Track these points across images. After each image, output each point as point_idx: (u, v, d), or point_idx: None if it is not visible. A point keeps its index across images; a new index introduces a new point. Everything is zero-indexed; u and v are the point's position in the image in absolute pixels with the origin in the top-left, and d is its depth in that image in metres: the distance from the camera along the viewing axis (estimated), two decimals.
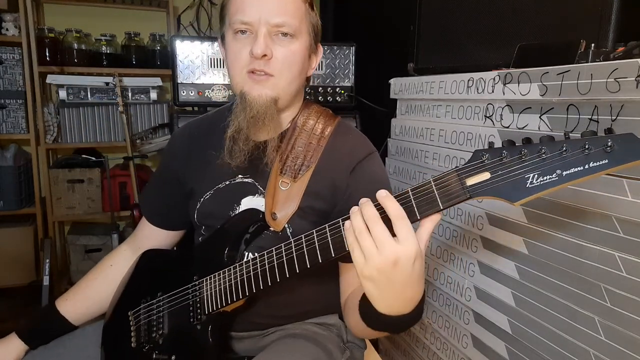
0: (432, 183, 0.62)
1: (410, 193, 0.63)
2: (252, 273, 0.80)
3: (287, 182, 0.88)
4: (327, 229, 0.69)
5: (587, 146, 0.54)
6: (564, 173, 0.55)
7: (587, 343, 0.85)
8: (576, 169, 0.55)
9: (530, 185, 0.57)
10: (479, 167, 0.60)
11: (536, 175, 0.56)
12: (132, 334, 0.94)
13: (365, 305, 0.70)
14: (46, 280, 2.28)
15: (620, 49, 0.88)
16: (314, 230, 0.72)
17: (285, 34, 0.84)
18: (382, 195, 0.62)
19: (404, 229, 0.60)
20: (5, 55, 2.39)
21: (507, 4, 1.17)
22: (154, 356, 0.90)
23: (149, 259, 1.03)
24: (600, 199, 0.81)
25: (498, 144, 0.60)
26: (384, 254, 0.60)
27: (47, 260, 2.31)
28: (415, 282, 0.64)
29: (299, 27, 0.85)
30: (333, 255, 0.69)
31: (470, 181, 0.60)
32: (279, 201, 0.88)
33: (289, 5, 0.84)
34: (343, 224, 0.66)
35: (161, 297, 0.93)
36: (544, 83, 0.93)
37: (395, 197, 0.63)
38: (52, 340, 1.00)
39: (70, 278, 2.59)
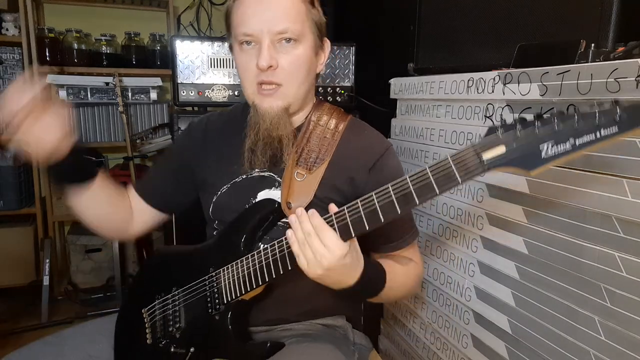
0: (450, 159, 0.65)
1: (428, 170, 0.66)
2: (271, 259, 0.81)
3: (302, 173, 0.91)
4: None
5: (597, 116, 0.57)
6: (577, 142, 0.58)
7: (587, 343, 0.85)
8: (589, 137, 0.57)
9: (545, 155, 0.59)
10: (495, 141, 0.63)
11: (550, 145, 0.59)
12: (147, 330, 0.94)
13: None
14: (46, 280, 2.28)
15: (620, 49, 0.88)
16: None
17: (288, 40, 0.86)
18: (298, 214, 0.71)
19: (325, 239, 0.70)
20: (5, 55, 2.40)
21: (507, 3, 1.17)
22: (172, 350, 0.91)
23: (159, 257, 1.03)
24: (600, 199, 0.81)
25: None
26: (320, 263, 0.71)
27: (47, 260, 2.32)
28: (351, 269, 0.75)
29: (301, 30, 0.87)
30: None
31: (487, 155, 0.63)
32: (295, 191, 0.90)
33: (290, 11, 0.85)
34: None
35: (176, 292, 0.94)
36: (544, 83, 0.93)
37: (413, 175, 0.67)
38: (79, 174, 0.92)
39: (70, 278, 2.58)
